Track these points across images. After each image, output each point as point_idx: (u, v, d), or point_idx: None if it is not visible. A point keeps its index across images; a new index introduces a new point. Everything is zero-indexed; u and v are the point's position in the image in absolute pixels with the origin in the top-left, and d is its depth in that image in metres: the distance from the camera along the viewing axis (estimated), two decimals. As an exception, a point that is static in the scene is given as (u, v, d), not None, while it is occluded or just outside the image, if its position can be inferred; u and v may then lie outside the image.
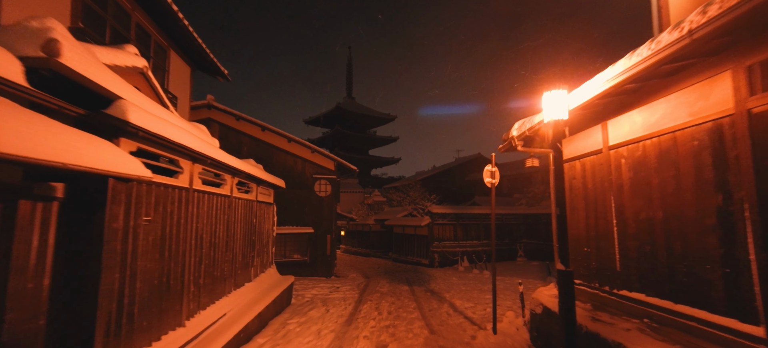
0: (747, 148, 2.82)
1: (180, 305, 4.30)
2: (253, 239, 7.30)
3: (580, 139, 4.99)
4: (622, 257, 4.22)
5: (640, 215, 3.93)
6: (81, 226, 3.06)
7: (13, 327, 2.56)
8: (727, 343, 2.94)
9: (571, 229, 5.17)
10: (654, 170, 3.76)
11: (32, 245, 2.71)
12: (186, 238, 4.44)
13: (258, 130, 13.91)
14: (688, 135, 3.36)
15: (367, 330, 6.14)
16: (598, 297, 4.58)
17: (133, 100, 3.29)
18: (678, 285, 3.47)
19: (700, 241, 3.24)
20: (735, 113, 2.92)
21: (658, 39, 2.91)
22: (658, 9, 4.66)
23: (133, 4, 6.24)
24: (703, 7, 2.55)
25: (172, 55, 7.77)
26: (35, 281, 2.74)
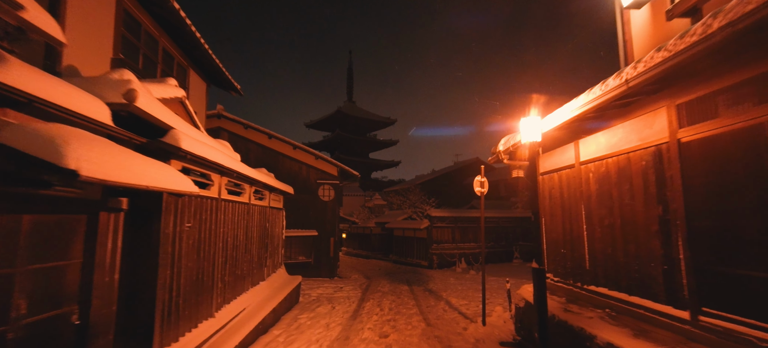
0: (678, 169, 3.53)
1: (211, 299, 5.00)
2: (267, 242, 8.00)
3: (558, 154, 5.70)
4: (590, 258, 4.92)
5: (604, 222, 4.63)
6: (139, 232, 3.76)
7: (97, 311, 3.26)
8: (665, 325, 3.63)
9: (550, 233, 5.87)
10: (614, 184, 4.47)
11: (107, 248, 3.41)
12: (216, 241, 5.14)
13: (265, 138, 14.62)
14: (638, 156, 4.06)
15: (370, 323, 6.83)
16: (572, 292, 5.27)
17: (179, 128, 4.00)
18: (631, 280, 4.17)
19: (647, 243, 3.94)
20: (669, 141, 3.62)
21: (607, 82, 3.63)
22: (624, 44, 5.38)
23: (160, 32, 6.96)
24: (634, 63, 3.26)
25: (191, 73, 8.49)
26: (110, 276, 3.43)
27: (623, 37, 5.40)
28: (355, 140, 57.20)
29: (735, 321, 2.99)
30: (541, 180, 6.17)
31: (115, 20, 5.60)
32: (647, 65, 3.07)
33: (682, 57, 2.79)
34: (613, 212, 4.48)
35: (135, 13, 6.09)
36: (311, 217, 14.92)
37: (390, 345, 5.48)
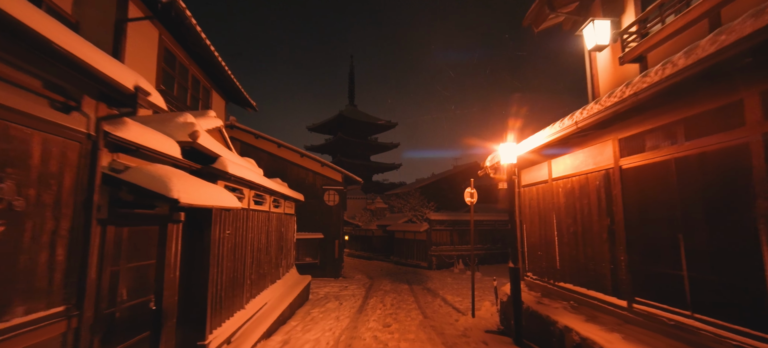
0: (619, 190, 4.48)
1: (242, 293, 5.96)
2: (282, 245, 8.97)
3: (535, 170, 6.65)
4: (560, 259, 5.87)
5: (570, 229, 5.58)
6: (192, 239, 4.73)
7: (166, 300, 4.21)
8: (610, 312, 4.58)
9: (530, 237, 6.82)
10: (577, 198, 5.42)
11: (172, 251, 4.37)
12: (245, 245, 6.11)
13: (274, 147, 15.59)
14: (594, 177, 5.02)
15: (374, 316, 7.78)
16: (546, 288, 6.22)
17: (221, 153, 4.97)
18: (589, 277, 5.11)
19: (600, 247, 4.89)
20: (614, 167, 4.58)
21: (563, 121, 4.59)
22: (591, 79, 6.34)
23: (190, 62, 7.95)
24: (582, 109, 4.22)
25: (213, 93, 9.48)
26: (173, 273, 4.39)
27: (591, 72, 6.37)
28: (356, 143, 58.15)
29: (656, 307, 3.94)
30: (522, 191, 7.12)
31: (157, 58, 6.59)
32: (589, 113, 4.04)
33: (608, 112, 3.76)
34: (576, 221, 5.43)
35: (172, 49, 7.07)
36: (317, 221, 15.87)
37: (392, 332, 6.42)
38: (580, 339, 4.36)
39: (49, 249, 2.46)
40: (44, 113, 2.42)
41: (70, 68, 2.34)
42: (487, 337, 6.03)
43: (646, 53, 5.16)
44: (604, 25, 5.71)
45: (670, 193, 3.76)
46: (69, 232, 2.61)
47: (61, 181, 2.55)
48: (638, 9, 5.48)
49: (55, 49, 2.10)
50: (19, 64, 2.20)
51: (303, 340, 5.85)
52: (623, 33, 5.45)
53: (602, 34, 5.68)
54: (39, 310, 2.37)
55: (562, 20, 6.96)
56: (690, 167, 3.57)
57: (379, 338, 6.03)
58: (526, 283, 6.87)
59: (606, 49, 5.92)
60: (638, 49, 5.15)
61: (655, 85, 3.24)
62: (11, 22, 1.84)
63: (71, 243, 2.63)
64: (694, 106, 3.43)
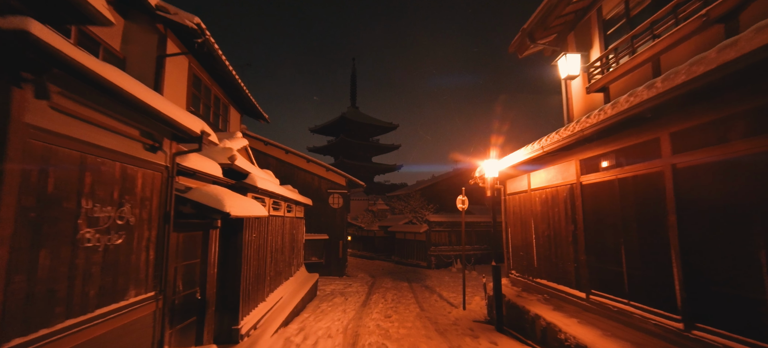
0: (580, 201, 5.42)
1: (264, 287, 6.93)
2: (293, 245, 9.94)
3: (518, 181, 7.59)
4: (537, 258, 6.81)
5: (545, 233, 6.53)
6: (227, 241, 5.69)
7: (208, 292, 5.18)
8: (573, 303, 5.52)
9: (514, 239, 7.77)
10: (550, 207, 6.36)
11: (212, 251, 5.33)
12: (266, 246, 7.07)
13: (282, 153, 16.56)
14: (562, 189, 5.96)
15: (377, 309, 8.73)
16: (526, 284, 7.16)
17: (248, 169, 5.94)
18: (558, 274, 6.06)
19: (566, 249, 5.83)
20: (576, 182, 5.52)
21: (533, 144, 5.54)
22: (567, 102, 7.27)
23: (212, 82, 8.91)
24: (547, 136, 5.17)
25: (230, 109, 10.45)
26: (213, 269, 5.36)
27: (566, 97, 7.31)
28: (358, 145, 59.07)
29: (605, 297, 4.88)
30: (508, 199, 8.06)
31: (187, 83, 7.56)
32: (550, 141, 4.99)
33: (563, 142, 4.71)
34: (549, 227, 6.37)
35: (198, 74, 8.04)
36: (323, 223, 16.85)
37: (392, 321, 7.37)
38: (546, 324, 5.32)
39: (146, 251, 3.42)
40: (142, 154, 3.37)
41: (160, 122, 3.30)
42: (474, 325, 6.98)
43: (608, 85, 6.10)
44: (575, 58, 6.66)
45: (615, 206, 4.71)
46: (156, 239, 3.57)
47: (152, 202, 3.51)
48: (602, 46, 6.42)
49: (153, 110, 3.05)
50: (129, 121, 3.16)
51: (316, 328, 6.80)
52: (589, 67, 6.40)
53: (573, 66, 6.63)
54: (141, 294, 3.33)
55: (543, 49, 7.90)
56: (628, 186, 4.51)
57: (381, 326, 6.98)
58: (510, 280, 7.82)
59: (578, 77, 6.86)
60: (601, 81, 6.08)
61: (596, 125, 4.19)
62: (129, 98, 2.78)
63: (157, 246, 3.59)
64: (628, 140, 4.38)
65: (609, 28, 6.37)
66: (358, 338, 6.16)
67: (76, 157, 2.59)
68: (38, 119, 2.25)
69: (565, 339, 4.77)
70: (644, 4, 5.57)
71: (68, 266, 2.52)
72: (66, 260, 2.50)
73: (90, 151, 2.71)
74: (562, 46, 7.57)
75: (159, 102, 3.15)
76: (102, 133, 2.83)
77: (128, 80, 2.74)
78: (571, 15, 7.00)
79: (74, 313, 2.57)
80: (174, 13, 6.23)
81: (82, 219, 2.64)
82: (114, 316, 2.96)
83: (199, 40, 6.31)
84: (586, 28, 6.85)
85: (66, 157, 2.49)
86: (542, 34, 7.40)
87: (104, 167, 2.87)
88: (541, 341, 5.47)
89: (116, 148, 3.00)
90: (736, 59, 2.64)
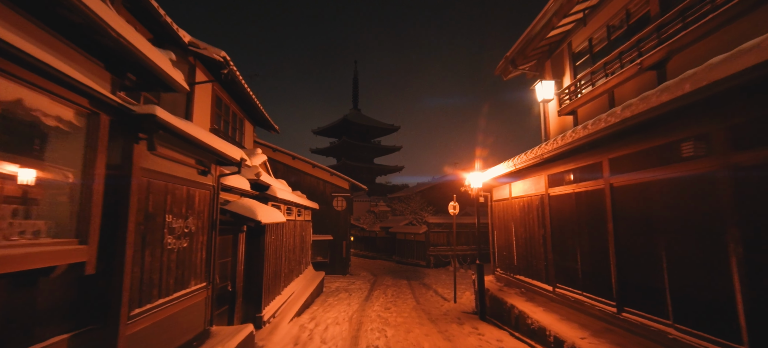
0: (548, 210, 6.45)
1: (280, 283, 7.99)
2: (303, 246, 11.00)
3: (502, 190, 8.62)
4: (517, 257, 7.84)
5: (522, 236, 7.55)
6: (252, 243, 6.75)
7: (237, 285, 6.24)
8: (543, 295, 6.55)
9: (499, 240, 8.80)
10: (526, 213, 7.38)
11: (240, 251, 6.39)
12: (282, 247, 8.13)
13: (289, 159, 17.63)
14: (535, 198, 6.99)
15: (378, 303, 9.78)
16: (509, 280, 8.19)
17: (268, 181, 6.99)
18: (533, 271, 7.08)
19: (538, 249, 6.85)
20: (545, 193, 6.55)
21: (508, 162, 6.57)
22: (544, 122, 8.29)
23: (230, 100, 9.98)
24: (519, 156, 6.20)
25: (245, 122, 11.52)
26: (241, 267, 6.42)
27: (543, 117, 8.33)
28: (360, 146, 60.10)
29: (566, 290, 5.91)
30: (494, 205, 9.09)
31: (211, 104, 8.62)
32: (520, 160, 6.02)
33: (531, 161, 5.74)
34: (526, 230, 7.40)
35: (220, 95, 9.10)
36: (327, 224, 17.91)
37: (391, 313, 8.41)
38: (518, 312, 6.35)
39: (200, 251, 4.48)
40: (197, 178, 4.43)
41: (211, 153, 4.35)
42: (462, 315, 8.02)
43: (576, 109, 7.13)
44: (549, 84, 7.68)
45: (573, 214, 5.74)
46: (206, 242, 4.63)
47: (204, 214, 4.57)
48: (572, 75, 7.45)
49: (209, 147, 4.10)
50: (191, 155, 4.21)
51: (325, 317, 7.85)
52: (561, 92, 7.43)
53: (548, 91, 7.65)
54: (198, 284, 4.39)
55: (525, 73, 8.92)
56: (582, 198, 5.54)
57: (382, 316, 8.03)
58: (496, 277, 8.85)
59: (553, 100, 7.88)
60: (571, 105, 7.11)
61: (553, 150, 5.22)
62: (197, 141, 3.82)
63: (207, 248, 4.65)
64: (580, 161, 5.41)
65: (578, 59, 7.40)
66: (362, 325, 7.20)
67: (163, 186, 3.65)
68: (145, 163, 3.30)
69: (531, 323, 5.81)
70: (603, 44, 6.60)
71: (159, 262, 3.58)
72: (157, 258, 3.56)
73: (170, 180, 3.77)
74: (540, 72, 8.60)
75: (212, 139, 4.20)
76: (175, 166, 3.89)
77: (195, 128, 3.79)
78: (546, 46, 8.03)
79: (162, 295, 3.63)
80: (203, 48, 7.29)
81: (167, 229, 3.70)
82: (183, 299, 4.02)
83: (225, 71, 7.37)
84: (559, 58, 7.88)
85: (158, 187, 3.55)
86: (523, 60, 8.42)
87: (177, 191, 3.93)
88: (514, 326, 6.50)
89: (183, 175, 4.06)
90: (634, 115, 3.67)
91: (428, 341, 5.94)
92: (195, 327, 4.32)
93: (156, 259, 3.54)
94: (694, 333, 3.59)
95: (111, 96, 2.74)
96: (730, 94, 2.92)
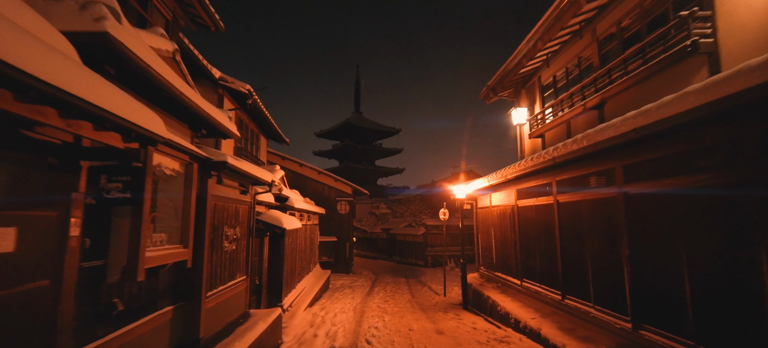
0: (517, 218, 7.86)
1: (295, 278, 9.43)
2: (312, 247, 12.44)
3: (484, 199, 10.03)
4: (495, 257, 9.25)
5: (499, 238, 8.96)
6: (273, 244, 8.19)
7: (263, 279, 7.67)
8: (514, 288, 7.96)
9: (483, 242, 10.21)
10: (502, 220, 8.78)
11: (265, 252, 7.83)
12: (296, 248, 9.57)
13: (296, 166, 19.06)
14: (508, 208, 8.39)
15: (378, 297, 11.20)
16: (489, 276, 9.59)
17: (286, 192, 8.43)
18: (507, 268, 8.49)
19: (511, 250, 8.26)
20: (515, 204, 7.95)
21: (486, 177, 7.99)
22: (519, 142, 9.70)
23: (249, 120, 11.43)
24: (494, 173, 7.62)
25: (260, 137, 12.98)
26: (265, 264, 7.85)
27: (519, 137, 9.74)
28: (362, 149, 61.47)
29: (530, 283, 7.31)
30: (479, 211, 10.50)
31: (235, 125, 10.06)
32: (493, 178, 7.44)
33: (500, 180, 7.16)
34: (502, 234, 8.80)
35: (241, 116, 10.55)
36: (332, 227, 19.33)
37: (389, 304, 9.82)
38: (492, 302, 7.77)
39: (242, 252, 5.91)
40: (239, 197, 5.86)
41: (251, 178, 5.78)
42: (449, 306, 9.43)
43: (544, 133, 8.53)
44: (523, 110, 9.09)
45: (532, 222, 7.15)
46: (246, 245, 6.06)
47: (244, 224, 6.00)
48: (541, 104, 8.85)
49: (252, 175, 5.52)
50: (237, 179, 5.64)
51: (333, 307, 9.27)
52: (532, 118, 8.83)
53: (521, 116, 9.05)
54: (241, 276, 5.82)
55: (505, 98, 10.33)
56: (540, 210, 6.95)
57: (381, 306, 9.45)
58: (480, 274, 10.26)
59: (525, 124, 9.28)
60: (539, 130, 8.51)
61: (514, 173, 6.63)
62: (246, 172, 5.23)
63: (246, 249, 6.08)
64: (536, 180, 6.81)
65: (546, 91, 8.80)
66: (364, 313, 8.62)
67: (222, 205, 5.08)
68: (213, 190, 4.74)
69: (500, 310, 7.22)
70: (564, 81, 8.01)
71: (220, 260, 5.02)
72: (219, 257, 5.00)
73: (225, 201, 5.20)
74: (516, 99, 10.01)
75: (255, 170, 5.64)
76: (228, 189, 5.33)
77: (244, 163, 5.21)
78: (520, 78, 9.44)
79: (222, 283, 5.07)
80: (231, 82, 8.72)
81: (224, 236, 5.14)
82: (232, 287, 5.45)
83: (250, 102, 8.80)
84: (532, 89, 9.29)
85: (220, 206, 4.99)
86: (501, 89, 9.83)
87: (229, 207, 5.37)
88: (489, 313, 7.92)
89: (232, 196, 5.50)
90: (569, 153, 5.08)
91: (417, 323, 7.35)
92: (239, 309, 5.76)
93: (218, 258, 4.98)
94: (604, 310, 5.00)
95: (201, 152, 4.17)
96: (618, 147, 4.32)
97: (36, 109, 2.00)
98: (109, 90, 2.09)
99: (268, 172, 6.33)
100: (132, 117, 2.23)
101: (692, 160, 3.67)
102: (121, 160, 2.79)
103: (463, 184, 9.02)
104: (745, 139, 3.13)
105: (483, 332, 6.44)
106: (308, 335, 6.58)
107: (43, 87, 1.58)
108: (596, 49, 6.73)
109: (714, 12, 4.39)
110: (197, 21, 6.79)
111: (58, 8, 2.39)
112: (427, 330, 6.83)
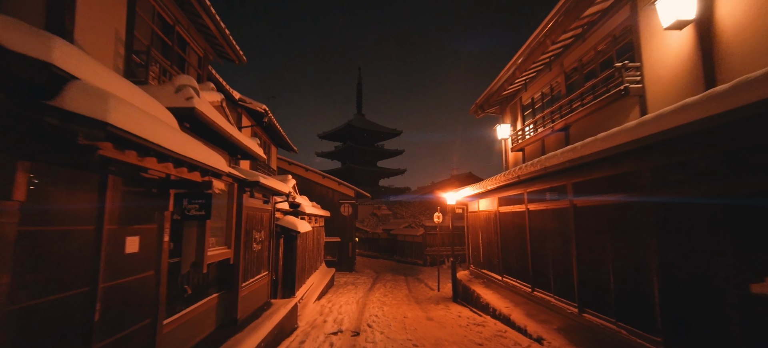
0: (498, 223, 9.05)
1: (304, 275, 10.66)
2: (318, 247, 13.66)
3: (474, 204, 11.22)
4: (483, 255, 10.44)
5: (485, 239, 10.15)
6: (287, 244, 9.42)
7: (278, 274, 8.90)
8: (496, 283, 9.15)
9: (472, 243, 11.40)
10: (487, 223, 9.97)
11: (281, 250, 9.05)
12: (306, 248, 10.80)
13: (303, 171, 20.29)
14: (492, 213, 9.58)
15: (379, 292, 12.41)
16: (478, 274, 10.79)
17: (302, 201, 9.65)
18: (491, 266, 9.68)
19: (495, 250, 9.45)
20: (496, 210, 9.15)
21: (473, 186, 9.20)
22: (504, 154, 10.89)
23: (262, 132, 12.67)
24: (480, 183, 8.82)
25: (272, 147, 14.22)
26: (280, 262, 9.07)
27: (504, 150, 10.93)
28: (364, 150, 62.69)
29: (510, 278, 8.50)
30: (469, 215, 11.69)
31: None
32: (477, 188, 8.64)
33: (483, 190, 8.36)
34: (487, 235, 10.00)
35: (257, 130, 11.78)
36: (335, 228, 20.55)
37: (388, 298, 11.03)
38: (477, 295, 8.97)
39: (265, 252, 7.13)
40: (262, 205, 7.08)
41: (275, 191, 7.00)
42: (441, 299, 10.64)
43: (523, 147, 9.71)
44: (506, 127, 10.27)
45: (510, 226, 8.34)
46: (268, 246, 7.29)
47: (267, 228, 7.23)
48: (522, 121, 10.03)
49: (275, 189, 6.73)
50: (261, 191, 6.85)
51: (339, 301, 10.48)
52: (514, 134, 10.03)
53: (505, 132, 10.24)
54: (264, 272, 7.04)
55: (492, 114, 11.52)
56: (515, 216, 8.13)
57: (381, 300, 10.66)
58: (470, 271, 11.46)
59: (508, 139, 10.46)
60: (519, 145, 9.70)
61: (493, 184, 7.83)
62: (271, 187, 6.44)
63: (268, 250, 7.30)
64: (513, 190, 8.00)
65: (526, 110, 9.99)
66: (366, 305, 9.84)
67: (252, 214, 6.30)
68: (246, 202, 5.95)
69: (483, 301, 8.42)
70: (540, 103, 9.19)
71: (250, 258, 6.24)
72: (249, 256, 6.22)
73: (253, 210, 6.42)
74: (502, 115, 11.20)
75: (277, 184, 6.86)
76: (255, 200, 6.55)
77: (269, 179, 6.43)
78: (504, 98, 10.63)
79: (251, 277, 6.29)
80: (249, 103, 9.93)
81: (253, 239, 6.36)
82: (258, 280, 6.67)
83: (266, 120, 10.03)
84: (514, 107, 10.47)
85: (250, 214, 6.21)
86: (488, 107, 11.02)
87: (256, 215, 6.59)
88: (474, 304, 9.11)
89: (258, 205, 6.72)
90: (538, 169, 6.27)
91: (411, 313, 8.57)
92: (264, 298, 6.99)
93: (249, 256, 6.20)
94: (560, 299, 6.19)
95: (241, 175, 5.39)
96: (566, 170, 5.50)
97: (148, 160, 3.22)
98: (196, 146, 3.29)
99: (283, 183, 7.54)
100: (209, 161, 3.44)
101: (615, 182, 4.86)
102: (197, 188, 4.00)
103: (453, 192, 10.23)
104: (644, 170, 4.31)
105: (465, 318, 7.64)
106: (319, 321, 7.80)
107: (158, 149, 2.80)
108: (563, 80, 7.91)
109: (642, 64, 5.57)
110: (224, 56, 8.02)
111: (163, 92, 3.60)
112: (418, 317, 8.04)
